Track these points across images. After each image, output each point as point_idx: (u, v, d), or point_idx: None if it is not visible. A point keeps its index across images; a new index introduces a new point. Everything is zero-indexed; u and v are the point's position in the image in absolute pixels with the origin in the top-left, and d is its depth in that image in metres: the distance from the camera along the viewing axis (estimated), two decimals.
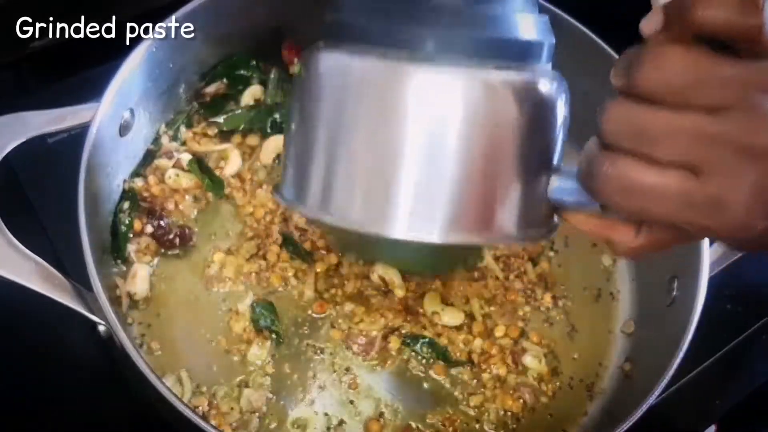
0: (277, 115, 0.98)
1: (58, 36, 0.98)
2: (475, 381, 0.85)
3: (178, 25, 0.85)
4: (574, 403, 0.87)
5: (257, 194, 0.93)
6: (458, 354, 0.87)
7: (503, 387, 0.85)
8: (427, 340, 0.86)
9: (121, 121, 0.83)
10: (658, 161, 0.45)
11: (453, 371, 0.86)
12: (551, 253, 0.95)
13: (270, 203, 0.93)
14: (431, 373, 0.85)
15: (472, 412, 0.83)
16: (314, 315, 0.87)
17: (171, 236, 0.88)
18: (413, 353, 0.86)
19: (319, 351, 0.85)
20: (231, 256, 0.89)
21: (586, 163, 0.50)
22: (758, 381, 0.94)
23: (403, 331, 0.87)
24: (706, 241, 0.80)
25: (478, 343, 0.87)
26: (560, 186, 0.57)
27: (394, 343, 0.85)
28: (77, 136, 0.77)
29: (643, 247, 0.54)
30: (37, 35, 0.98)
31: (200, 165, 0.92)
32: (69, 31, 0.98)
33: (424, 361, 0.86)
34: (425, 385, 0.85)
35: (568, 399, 0.87)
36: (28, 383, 0.84)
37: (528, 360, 0.87)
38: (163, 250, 0.88)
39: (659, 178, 0.45)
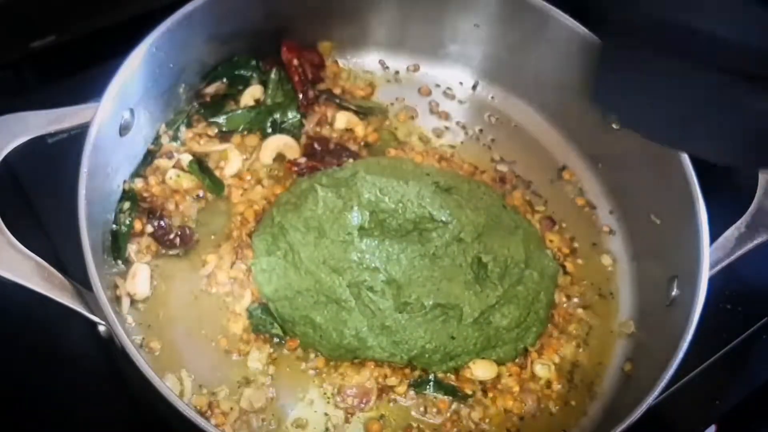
0: (277, 115, 0.98)
1: (58, 36, 0.98)
2: (481, 401, 0.85)
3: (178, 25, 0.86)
4: (575, 403, 0.87)
5: (254, 191, 0.93)
6: (466, 388, 0.85)
7: (508, 393, 0.85)
8: (432, 380, 0.84)
9: (121, 121, 0.83)
10: None
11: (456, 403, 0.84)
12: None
13: (262, 201, 0.93)
14: (434, 408, 0.84)
15: (474, 415, 0.84)
16: None
17: (171, 236, 0.88)
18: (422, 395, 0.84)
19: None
20: (220, 257, 0.89)
21: None
22: (758, 381, 0.94)
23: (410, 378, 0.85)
24: (706, 241, 0.80)
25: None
26: None
27: (401, 387, 0.84)
28: (77, 136, 0.78)
29: None
30: (37, 35, 0.99)
31: (200, 166, 0.92)
32: (70, 31, 0.99)
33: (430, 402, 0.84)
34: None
35: (568, 399, 0.87)
36: (28, 383, 0.84)
37: (538, 368, 0.87)
38: (163, 251, 0.88)
39: None
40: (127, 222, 0.87)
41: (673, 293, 0.84)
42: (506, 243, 0.89)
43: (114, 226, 0.86)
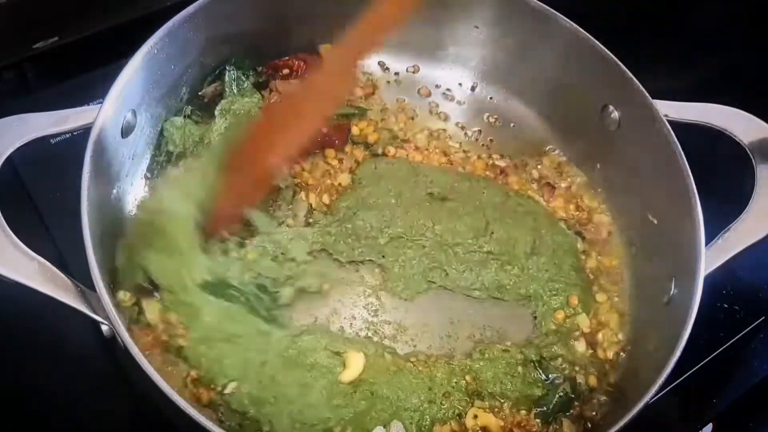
0: None
1: (61, 38, 0.99)
2: None
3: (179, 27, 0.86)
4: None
5: None
6: None
7: None
8: None
9: (123, 123, 0.84)
10: None
11: None
12: None
13: None
14: None
15: None
16: None
17: None
18: None
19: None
20: None
21: None
22: (755, 379, 0.94)
23: None
24: (702, 240, 0.81)
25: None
26: None
27: None
28: (80, 137, 0.78)
29: None
30: (40, 37, 0.99)
31: None
32: (72, 33, 0.99)
33: None
34: None
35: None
36: (31, 382, 0.84)
37: None
38: None
39: None
40: None
41: (671, 292, 0.84)
42: (516, 232, 0.92)
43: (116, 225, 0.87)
